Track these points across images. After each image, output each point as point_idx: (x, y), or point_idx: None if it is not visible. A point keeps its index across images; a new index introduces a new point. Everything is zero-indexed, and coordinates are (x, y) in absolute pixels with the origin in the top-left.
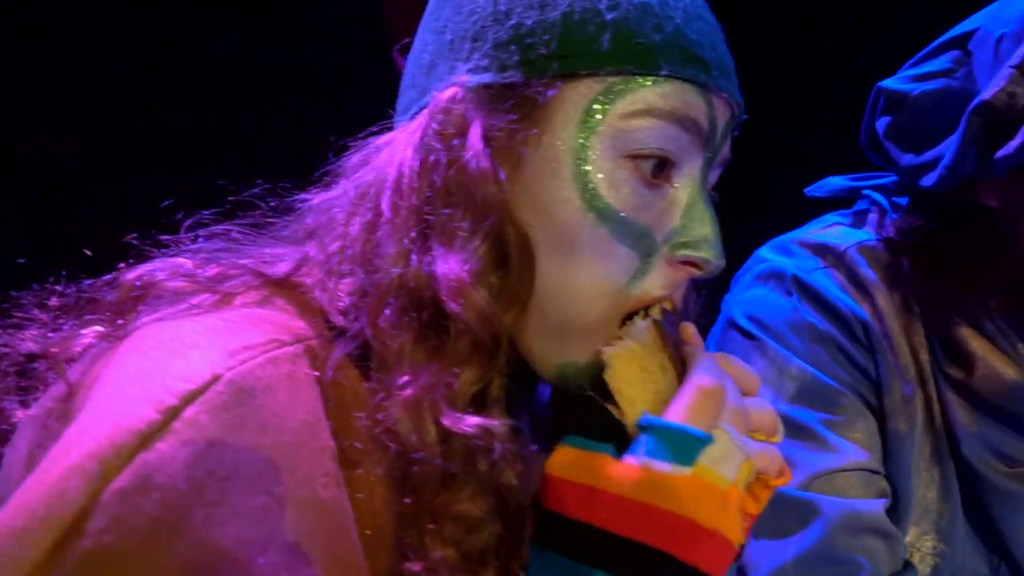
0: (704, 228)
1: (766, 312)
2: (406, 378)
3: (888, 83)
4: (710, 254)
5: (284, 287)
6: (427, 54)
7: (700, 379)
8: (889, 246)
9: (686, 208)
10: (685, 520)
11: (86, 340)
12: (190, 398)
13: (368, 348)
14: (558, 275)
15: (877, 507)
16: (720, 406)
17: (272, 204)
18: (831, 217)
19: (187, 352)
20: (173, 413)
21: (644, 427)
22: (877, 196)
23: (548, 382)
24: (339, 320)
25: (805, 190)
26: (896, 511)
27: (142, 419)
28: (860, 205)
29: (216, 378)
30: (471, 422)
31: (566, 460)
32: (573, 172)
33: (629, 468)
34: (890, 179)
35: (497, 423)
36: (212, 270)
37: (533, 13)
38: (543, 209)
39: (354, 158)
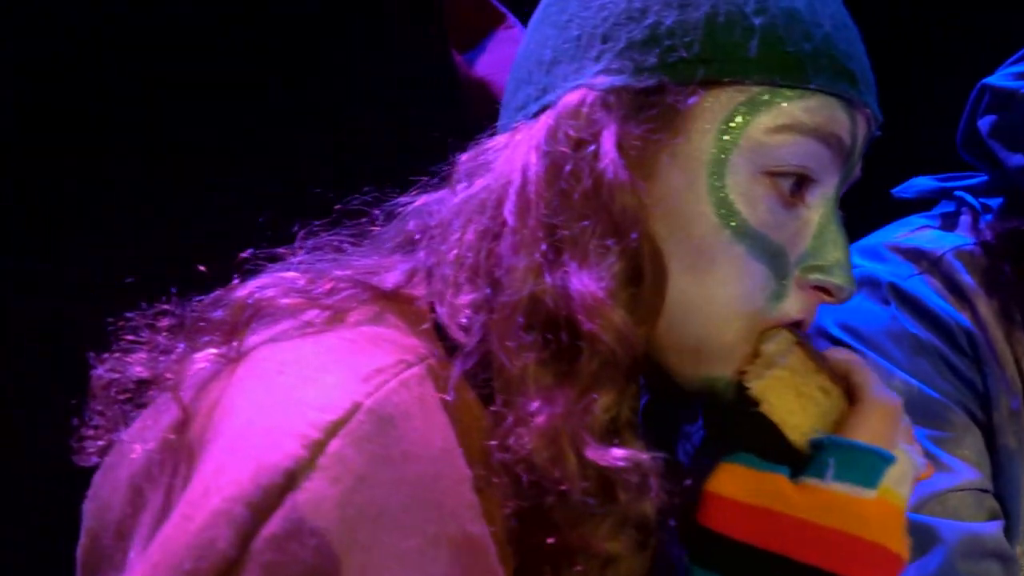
0: (837, 252)
1: (862, 321)
2: (537, 403)
3: (993, 80)
4: (844, 280)
5: (394, 300)
6: (548, 49)
7: (878, 397)
8: (987, 250)
9: (818, 229)
10: (875, 546)
11: (200, 364)
12: (333, 430)
13: (484, 367)
14: (693, 292)
15: (995, 529)
16: (898, 424)
17: (375, 211)
18: (917, 219)
19: (319, 377)
20: (318, 447)
21: (825, 447)
22: (968, 197)
23: (694, 395)
24: (459, 336)
25: (892, 191)
26: (1008, 530)
27: (288, 455)
28: (946, 207)
29: (357, 406)
30: (618, 455)
31: (737, 480)
32: (708, 186)
33: (814, 491)
34: (979, 179)
35: (647, 456)
36: (325, 285)
37: (672, 12)
38: (677, 223)
39: (468, 159)
